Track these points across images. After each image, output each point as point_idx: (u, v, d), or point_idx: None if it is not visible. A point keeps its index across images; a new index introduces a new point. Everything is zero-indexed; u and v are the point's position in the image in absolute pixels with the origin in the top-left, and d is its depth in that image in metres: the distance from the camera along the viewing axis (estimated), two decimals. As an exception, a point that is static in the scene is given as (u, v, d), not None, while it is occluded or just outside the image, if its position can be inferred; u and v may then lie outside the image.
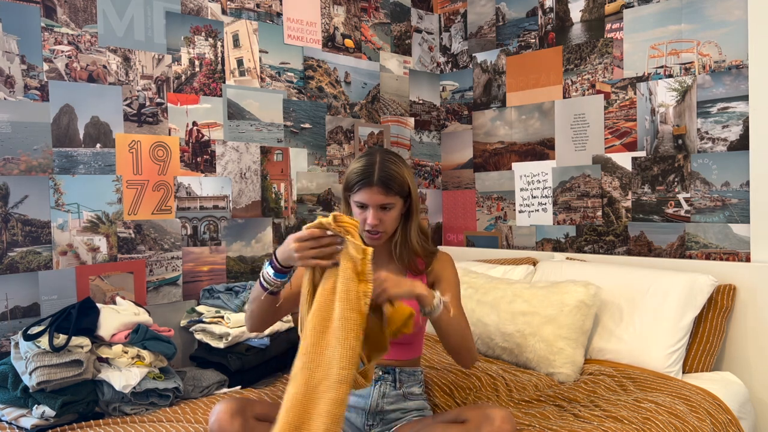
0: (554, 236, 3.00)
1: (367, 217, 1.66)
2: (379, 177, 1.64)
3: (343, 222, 1.43)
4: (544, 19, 3.02)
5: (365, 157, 1.70)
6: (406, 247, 1.75)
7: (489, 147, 3.28)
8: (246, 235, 2.71)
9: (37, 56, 2.17)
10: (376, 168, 1.66)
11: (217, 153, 2.62)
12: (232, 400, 1.56)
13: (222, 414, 1.52)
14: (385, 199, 1.66)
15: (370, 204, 1.66)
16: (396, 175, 1.66)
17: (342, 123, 3.06)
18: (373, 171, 1.65)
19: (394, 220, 1.71)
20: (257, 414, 1.57)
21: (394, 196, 1.67)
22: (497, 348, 2.39)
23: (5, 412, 1.86)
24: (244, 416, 1.53)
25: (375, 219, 1.66)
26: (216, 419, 1.52)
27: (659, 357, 2.22)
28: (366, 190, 1.65)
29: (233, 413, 1.52)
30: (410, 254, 1.75)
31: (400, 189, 1.67)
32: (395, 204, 1.68)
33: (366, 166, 1.67)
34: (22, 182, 2.14)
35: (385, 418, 1.73)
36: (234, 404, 1.54)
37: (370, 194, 1.65)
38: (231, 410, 1.52)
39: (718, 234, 2.48)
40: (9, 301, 2.11)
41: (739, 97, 2.41)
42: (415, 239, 1.74)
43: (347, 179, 1.70)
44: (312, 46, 2.94)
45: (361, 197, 1.66)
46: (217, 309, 2.40)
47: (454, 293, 1.76)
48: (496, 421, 1.50)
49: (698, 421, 1.88)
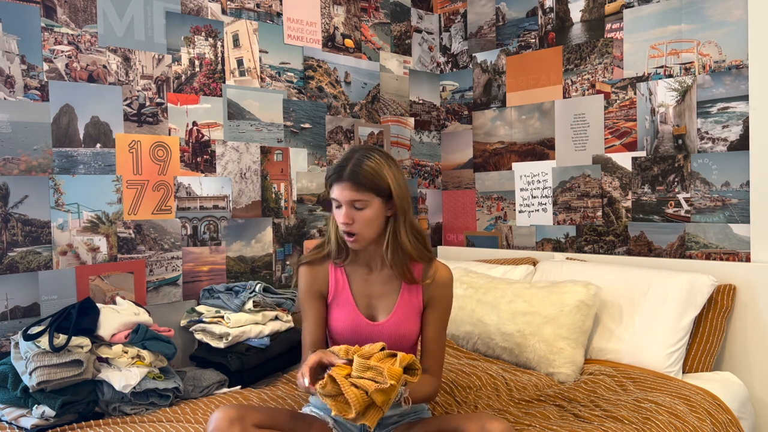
0: (554, 236, 3.00)
1: (341, 216, 1.61)
2: (351, 171, 1.58)
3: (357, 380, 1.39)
4: (544, 19, 3.02)
5: (345, 154, 1.66)
6: (398, 251, 1.67)
7: (489, 147, 3.28)
8: (246, 235, 2.71)
9: (37, 56, 2.17)
10: (350, 163, 1.60)
11: (217, 153, 2.62)
12: (231, 408, 1.52)
13: (220, 422, 1.48)
14: (356, 195, 1.59)
15: (341, 200, 1.60)
16: (369, 171, 1.59)
17: (342, 123, 3.06)
18: (345, 166, 1.60)
19: (370, 222, 1.62)
20: (256, 422, 1.53)
21: (366, 193, 1.59)
22: (497, 348, 2.39)
23: (5, 412, 1.86)
24: (243, 424, 1.49)
25: (346, 217, 1.60)
26: (214, 427, 1.48)
27: (659, 357, 2.22)
28: (336, 186, 1.61)
29: (232, 421, 1.48)
30: (404, 258, 1.68)
31: (374, 186, 1.59)
32: (369, 202, 1.60)
33: (341, 161, 1.63)
34: (22, 182, 2.14)
35: (382, 423, 1.71)
36: (233, 412, 1.50)
37: (340, 189, 1.60)
38: (230, 418, 1.48)
39: (718, 234, 2.48)
40: (9, 301, 2.11)
41: (739, 97, 2.41)
42: (407, 241, 1.66)
43: (326, 177, 1.67)
44: (312, 46, 2.94)
45: (333, 193, 1.62)
46: (217, 309, 2.40)
47: (442, 320, 1.75)
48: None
49: (698, 421, 1.88)
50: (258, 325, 2.34)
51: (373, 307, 1.73)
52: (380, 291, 1.74)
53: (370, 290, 1.74)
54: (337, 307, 1.74)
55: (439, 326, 1.75)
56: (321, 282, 1.75)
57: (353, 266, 1.76)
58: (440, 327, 1.75)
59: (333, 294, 1.75)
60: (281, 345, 2.36)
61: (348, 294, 1.73)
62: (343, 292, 1.74)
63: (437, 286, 1.73)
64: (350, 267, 1.76)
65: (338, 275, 1.75)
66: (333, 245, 1.73)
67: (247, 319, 2.32)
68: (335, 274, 1.75)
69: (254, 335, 2.31)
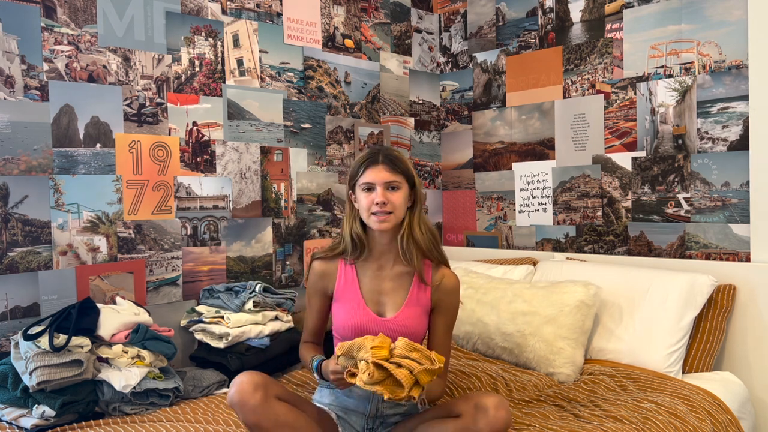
0: (554, 236, 3.00)
1: (374, 197, 1.68)
2: (385, 156, 1.71)
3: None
4: (544, 19, 3.02)
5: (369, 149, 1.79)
6: (411, 242, 1.74)
7: (489, 147, 3.28)
8: (246, 235, 2.71)
9: (37, 56, 2.17)
10: (380, 152, 1.73)
11: (217, 153, 2.62)
12: (255, 374, 1.58)
13: (245, 385, 1.53)
14: (392, 176, 1.70)
15: (376, 182, 1.69)
16: (400, 157, 1.73)
17: (342, 123, 3.06)
18: (378, 152, 1.73)
19: (401, 205, 1.72)
20: (277, 394, 1.59)
21: (400, 175, 1.71)
22: (497, 348, 2.39)
23: (5, 412, 1.86)
24: (266, 392, 1.54)
25: (383, 196, 1.68)
26: (237, 390, 1.53)
27: (659, 357, 2.22)
28: (372, 169, 1.70)
29: (257, 386, 1.54)
30: (417, 251, 1.75)
31: (405, 170, 1.72)
32: (401, 185, 1.72)
33: (370, 152, 1.74)
34: (22, 182, 2.14)
35: (385, 422, 1.73)
36: (258, 378, 1.56)
37: (376, 172, 1.69)
38: (254, 383, 1.54)
39: (718, 234, 2.48)
40: (9, 301, 2.11)
41: (739, 97, 2.41)
42: (419, 232, 1.74)
43: (352, 170, 1.75)
44: (312, 46, 2.94)
45: (368, 177, 1.70)
46: (217, 309, 2.40)
47: (448, 325, 1.80)
48: (490, 410, 1.51)
49: (698, 421, 1.88)
50: (258, 325, 2.34)
51: (381, 303, 1.76)
52: (390, 287, 1.77)
53: (380, 286, 1.77)
54: (343, 303, 1.77)
55: (445, 330, 1.79)
56: (329, 278, 1.80)
57: (365, 263, 1.80)
58: (446, 331, 1.80)
59: (340, 290, 1.78)
60: (281, 345, 2.36)
61: (356, 290, 1.76)
62: (351, 288, 1.77)
63: (444, 292, 1.78)
64: (361, 263, 1.80)
65: (348, 272, 1.79)
66: (348, 242, 1.78)
67: (247, 319, 2.32)
68: (345, 271, 1.79)
69: (254, 335, 2.32)
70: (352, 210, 1.78)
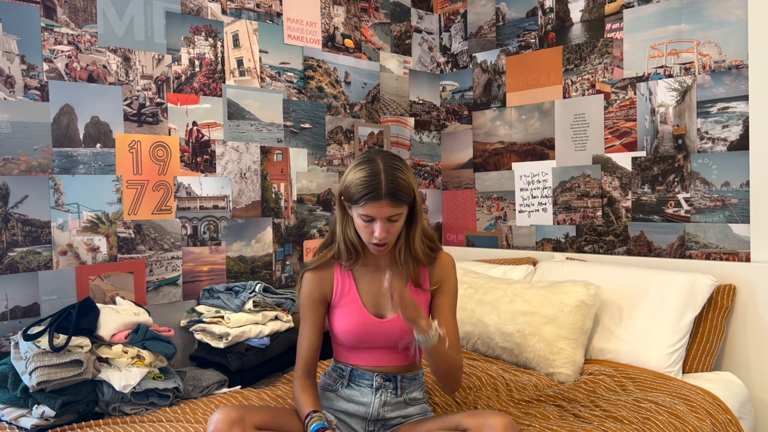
0: (554, 236, 3.00)
1: (374, 230, 1.60)
2: (388, 189, 1.56)
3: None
4: (544, 19, 3.02)
5: (367, 164, 1.60)
6: (409, 253, 1.71)
7: (489, 147, 3.28)
8: (246, 235, 2.71)
9: (37, 56, 2.17)
10: (382, 178, 1.56)
11: (217, 153, 2.62)
12: (231, 409, 1.52)
13: (220, 424, 1.47)
14: (394, 210, 1.59)
15: (377, 217, 1.58)
16: (403, 184, 1.58)
17: (342, 123, 3.06)
18: (379, 182, 1.56)
19: (399, 230, 1.66)
20: (257, 423, 1.52)
21: (402, 206, 1.60)
22: (497, 348, 2.39)
23: (5, 412, 1.86)
24: (243, 426, 1.48)
25: (383, 232, 1.59)
26: (214, 429, 1.48)
27: (659, 357, 2.22)
28: (374, 204, 1.57)
29: (232, 423, 1.47)
30: (414, 260, 1.73)
31: (407, 197, 1.61)
32: (402, 213, 1.63)
33: (371, 177, 1.57)
34: (22, 182, 2.14)
35: (386, 425, 1.72)
36: (233, 413, 1.50)
37: (379, 207, 1.57)
38: (230, 420, 1.48)
39: (718, 234, 2.48)
40: (9, 301, 2.11)
41: (739, 97, 2.41)
42: (419, 245, 1.70)
43: (349, 191, 1.60)
44: (312, 46, 2.94)
45: (369, 211, 1.58)
46: (217, 309, 2.40)
47: (452, 303, 1.77)
48: (498, 429, 1.48)
49: (698, 421, 1.88)
50: (258, 325, 2.34)
51: (380, 305, 1.74)
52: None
53: (378, 288, 1.74)
54: (342, 308, 1.74)
55: (450, 308, 1.77)
56: (326, 286, 1.76)
57: (361, 267, 1.76)
58: (451, 309, 1.77)
59: (338, 296, 1.75)
60: (281, 345, 2.36)
61: (355, 294, 1.74)
62: (350, 293, 1.74)
63: (441, 268, 1.77)
64: (358, 268, 1.76)
65: (345, 277, 1.76)
66: (343, 250, 1.72)
67: (247, 319, 2.32)
68: (341, 276, 1.76)
69: (254, 335, 2.31)
70: (345, 215, 1.69)
